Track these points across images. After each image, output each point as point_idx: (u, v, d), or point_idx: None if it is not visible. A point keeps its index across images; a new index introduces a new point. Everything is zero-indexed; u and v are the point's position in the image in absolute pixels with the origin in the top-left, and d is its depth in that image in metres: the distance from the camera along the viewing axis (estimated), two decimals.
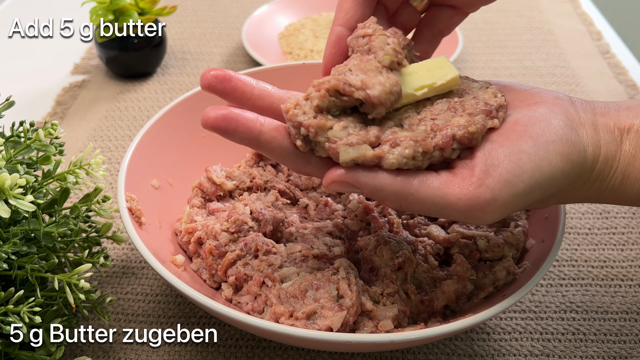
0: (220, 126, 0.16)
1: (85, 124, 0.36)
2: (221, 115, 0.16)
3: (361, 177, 0.16)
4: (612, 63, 0.41)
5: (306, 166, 0.18)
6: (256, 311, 0.21)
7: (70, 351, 0.23)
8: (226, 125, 0.16)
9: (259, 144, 0.17)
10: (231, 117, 0.16)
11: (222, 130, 0.16)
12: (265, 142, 0.17)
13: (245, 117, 0.17)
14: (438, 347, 0.23)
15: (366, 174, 0.16)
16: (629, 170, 0.17)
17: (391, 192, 0.16)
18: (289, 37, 0.43)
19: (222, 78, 0.18)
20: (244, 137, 0.17)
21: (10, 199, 0.18)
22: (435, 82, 0.18)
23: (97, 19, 0.36)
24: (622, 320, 0.24)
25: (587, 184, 0.17)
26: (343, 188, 0.17)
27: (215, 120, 0.16)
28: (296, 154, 0.17)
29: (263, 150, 0.17)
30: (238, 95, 0.18)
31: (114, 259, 0.27)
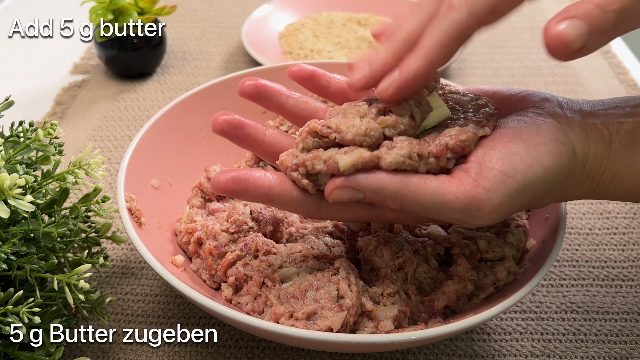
0: (231, 189, 0.17)
1: (84, 124, 0.36)
2: (230, 178, 0.17)
3: (361, 179, 0.17)
4: (613, 63, 0.41)
5: (319, 210, 0.18)
6: (256, 311, 0.21)
7: (70, 352, 0.23)
8: (237, 187, 0.17)
9: (271, 199, 0.18)
10: (240, 179, 0.17)
11: (234, 192, 0.17)
12: (277, 196, 0.18)
13: (254, 176, 0.17)
14: (438, 348, 0.23)
15: (366, 175, 0.17)
16: (618, 167, 0.17)
17: (391, 190, 0.17)
18: (289, 37, 0.43)
19: (236, 124, 0.18)
20: (255, 196, 0.17)
21: (10, 199, 0.18)
22: (426, 125, 0.18)
23: (97, 18, 0.36)
24: (622, 320, 0.24)
25: (579, 182, 0.18)
26: (345, 194, 0.17)
27: (226, 184, 0.17)
28: (307, 200, 0.18)
29: (276, 204, 0.18)
30: (250, 142, 0.19)
31: (114, 259, 0.27)
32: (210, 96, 0.28)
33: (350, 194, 0.17)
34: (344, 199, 0.17)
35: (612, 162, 0.17)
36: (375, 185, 0.17)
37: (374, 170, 0.17)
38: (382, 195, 0.17)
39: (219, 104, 0.29)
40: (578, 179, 0.18)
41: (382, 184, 0.17)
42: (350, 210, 0.18)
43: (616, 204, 0.30)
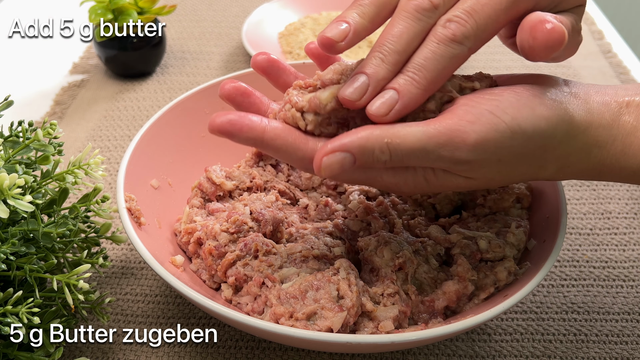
0: (226, 129, 0.17)
1: (84, 124, 0.36)
2: (227, 120, 0.17)
3: (345, 138, 0.16)
4: (613, 62, 0.41)
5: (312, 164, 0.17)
6: (256, 312, 0.21)
7: (70, 352, 0.22)
8: (231, 128, 0.17)
9: (264, 143, 0.17)
10: (236, 120, 0.17)
11: (228, 132, 0.17)
12: (270, 140, 0.17)
13: (250, 118, 0.17)
14: (439, 348, 0.23)
15: (348, 133, 0.16)
16: (630, 140, 0.17)
17: (376, 137, 0.16)
18: (289, 37, 0.43)
19: (243, 92, 0.18)
20: (249, 138, 0.17)
21: (9, 199, 0.18)
22: None
23: (96, 18, 0.36)
24: (623, 321, 0.24)
25: (584, 149, 0.17)
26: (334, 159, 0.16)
27: (221, 124, 0.17)
28: (302, 149, 0.17)
29: (269, 149, 0.17)
30: (254, 111, 0.19)
31: (113, 260, 0.27)
32: (210, 96, 0.28)
33: (339, 157, 0.16)
34: (335, 168, 0.16)
35: (622, 134, 0.17)
36: (359, 139, 0.16)
37: (357, 129, 0.16)
38: (369, 147, 0.16)
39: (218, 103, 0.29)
40: (583, 145, 0.17)
41: (366, 135, 0.16)
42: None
43: (617, 203, 0.29)
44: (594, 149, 0.17)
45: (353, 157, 0.16)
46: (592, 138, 0.17)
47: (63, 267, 0.22)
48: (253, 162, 0.27)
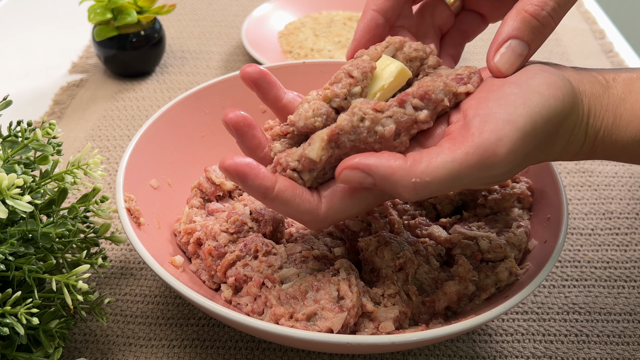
0: (242, 171, 0.16)
1: (83, 124, 0.35)
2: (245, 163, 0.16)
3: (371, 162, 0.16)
4: (615, 62, 0.41)
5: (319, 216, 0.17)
6: (256, 312, 0.20)
7: (69, 353, 0.22)
8: (248, 171, 0.16)
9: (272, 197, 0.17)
10: (254, 166, 0.16)
11: (242, 174, 0.16)
12: (279, 192, 0.17)
13: (261, 169, 0.17)
14: (439, 349, 0.23)
15: (377, 159, 0.16)
16: (619, 111, 0.17)
17: (402, 176, 0.16)
18: (289, 36, 0.43)
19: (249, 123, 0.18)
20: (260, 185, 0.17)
21: (8, 199, 0.18)
22: (383, 84, 0.18)
23: (96, 17, 0.36)
24: (625, 321, 0.24)
25: (583, 119, 0.17)
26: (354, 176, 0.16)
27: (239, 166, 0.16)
28: (310, 201, 0.17)
29: (276, 203, 0.17)
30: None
31: (113, 260, 0.26)
32: (209, 95, 0.28)
33: (359, 177, 0.16)
34: (353, 182, 0.16)
35: (613, 105, 0.17)
36: (385, 170, 0.16)
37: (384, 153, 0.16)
38: (392, 182, 0.16)
39: (218, 103, 0.29)
40: (582, 115, 0.17)
41: (393, 169, 0.16)
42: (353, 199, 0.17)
43: (618, 204, 0.29)
44: (589, 118, 0.17)
45: (374, 181, 0.16)
46: (586, 107, 0.17)
47: (62, 268, 0.22)
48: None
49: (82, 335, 0.23)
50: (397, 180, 0.16)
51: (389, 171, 0.16)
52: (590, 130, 0.17)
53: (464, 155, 0.15)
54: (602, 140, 0.17)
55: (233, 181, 0.17)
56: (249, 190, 0.17)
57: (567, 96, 0.16)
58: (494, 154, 0.15)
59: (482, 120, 0.16)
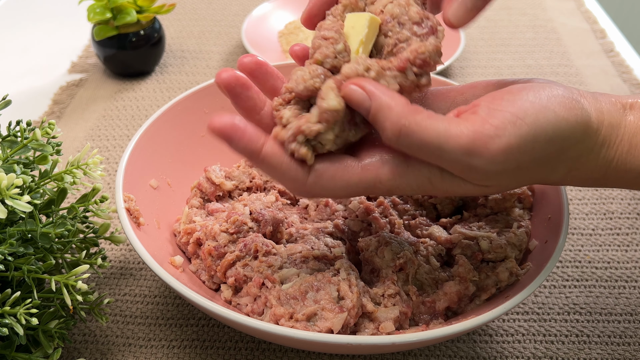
0: (226, 133, 0.16)
1: (82, 123, 0.35)
2: (230, 123, 0.16)
3: (377, 87, 0.16)
4: (616, 61, 0.41)
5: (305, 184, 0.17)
6: (256, 313, 0.20)
7: (68, 353, 0.22)
8: (231, 134, 0.16)
9: (259, 158, 0.16)
10: (238, 127, 0.16)
11: (226, 137, 0.16)
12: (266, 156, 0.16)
13: (252, 130, 0.16)
14: (440, 350, 0.23)
15: (384, 89, 0.16)
16: (635, 140, 0.17)
17: (397, 111, 0.15)
18: (289, 36, 0.43)
19: (243, 83, 0.18)
20: (244, 148, 0.16)
21: (7, 199, 0.18)
22: (361, 38, 0.18)
23: (95, 17, 0.36)
24: (626, 322, 0.24)
25: (595, 149, 0.17)
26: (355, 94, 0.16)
27: (223, 127, 0.16)
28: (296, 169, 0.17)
29: (263, 166, 0.17)
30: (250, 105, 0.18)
31: (112, 260, 0.26)
32: (209, 95, 0.28)
33: (360, 96, 0.16)
34: (352, 98, 0.16)
35: (629, 134, 0.17)
36: (384, 100, 0.16)
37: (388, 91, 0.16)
38: (385, 113, 0.15)
39: (218, 103, 0.28)
40: (593, 145, 0.17)
41: (392, 102, 0.15)
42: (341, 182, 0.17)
43: (619, 204, 0.29)
44: (602, 148, 0.17)
45: (369, 108, 0.16)
46: (602, 137, 0.17)
47: (61, 268, 0.22)
48: None
49: (81, 336, 0.23)
50: (389, 116, 0.16)
51: (388, 104, 0.16)
52: (602, 161, 0.17)
53: (459, 132, 0.15)
54: (615, 169, 0.17)
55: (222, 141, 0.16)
56: (235, 150, 0.16)
57: (580, 124, 0.16)
58: (485, 146, 0.15)
59: (490, 113, 0.16)
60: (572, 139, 0.16)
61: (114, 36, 0.37)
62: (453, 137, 0.15)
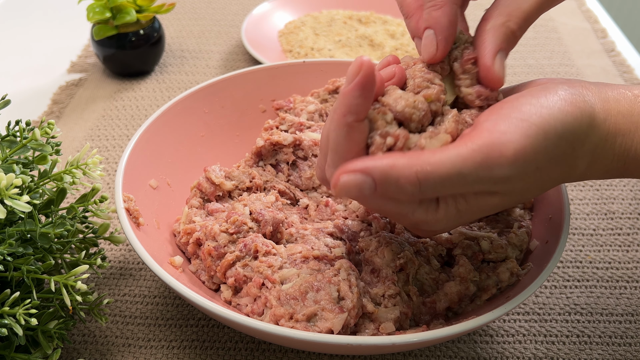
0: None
1: (82, 123, 0.35)
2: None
3: (368, 160, 0.15)
4: (617, 61, 0.41)
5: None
6: (256, 313, 0.20)
7: (67, 354, 0.22)
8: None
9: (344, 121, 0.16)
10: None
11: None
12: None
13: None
14: (440, 350, 0.22)
15: (372, 156, 0.16)
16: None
17: (403, 167, 0.15)
18: (289, 35, 0.43)
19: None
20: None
21: (6, 199, 0.18)
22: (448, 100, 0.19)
23: (94, 16, 0.36)
24: (627, 322, 0.24)
25: (608, 138, 0.17)
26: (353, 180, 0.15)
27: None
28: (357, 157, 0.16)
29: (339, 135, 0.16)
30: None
31: (112, 260, 0.26)
32: (209, 95, 0.28)
33: (358, 180, 0.15)
34: (351, 190, 0.15)
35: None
36: (384, 166, 0.15)
37: (382, 155, 0.16)
38: (393, 176, 0.15)
39: (218, 102, 0.28)
40: (606, 135, 0.17)
41: (391, 162, 0.15)
42: None
43: (620, 204, 0.29)
44: (617, 137, 0.17)
45: (374, 183, 0.15)
46: (613, 126, 0.17)
47: (61, 268, 0.22)
48: (253, 161, 0.27)
49: (81, 336, 0.23)
50: (399, 173, 0.15)
51: (388, 165, 0.15)
52: (618, 149, 0.17)
53: (470, 151, 0.15)
54: (634, 157, 0.17)
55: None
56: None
57: (584, 117, 0.16)
58: (501, 154, 0.15)
59: (494, 122, 0.16)
60: (581, 132, 0.16)
61: (114, 36, 0.37)
62: (468, 158, 0.15)
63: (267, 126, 0.27)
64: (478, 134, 0.16)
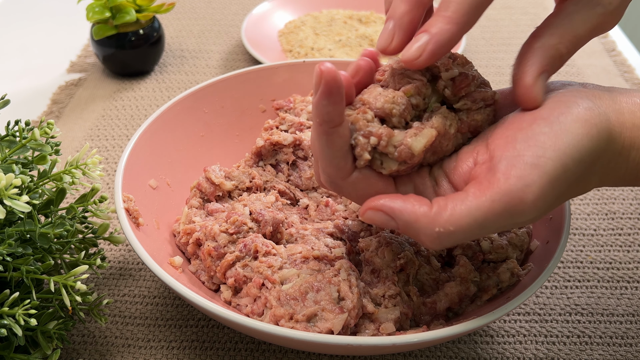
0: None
1: (81, 123, 0.35)
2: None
3: (396, 206, 0.16)
4: (618, 61, 0.41)
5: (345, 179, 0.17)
6: (255, 313, 0.20)
7: (67, 354, 0.22)
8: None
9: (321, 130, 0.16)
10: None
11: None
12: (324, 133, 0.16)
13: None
14: (441, 350, 0.22)
15: (402, 203, 0.16)
16: None
17: (426, 225, 0.15)
18: (289, 35, 0.43)
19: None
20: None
21: (6, 200, 0.18)
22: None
23: (94, 16, 0.36)
24: (628, 323, 0.23)
25: (623, 152, 0.16)
26: (378, 218, 0.16)
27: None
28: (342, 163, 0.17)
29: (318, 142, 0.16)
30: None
31: (111, 261, 0.26)
32: (209, 95, 0.28)
33: (383, 219, 0.16)
34: (376, 223, 0.16)
35: None
36: (408, 215, 0.15)
37: (410, 197, 0.16)
38: (416, 229, 0.16)
39: (217, 102, 0.28)
40: (621, 149, 0.16)
41: (415, 216, 0.15)
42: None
43: (621, 204, 0.29)
44: (631, 151, 0.16)
45: (397, 225, 0.16)
46: (628, 140, 0.16)
47: (60, 269, 0.22)
48: (253, 161, 0.27)
49: (80, 337, 0.23)
50: (420, 228, 0.16)
51: (412, 217, 0.16)
52: (632, 162, 0.17)
53: (490, 202, 0.15)
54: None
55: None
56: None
57: (602, 133, 0.16)
58: (521, 201, 0.15)
59: (508, 164, 0.15)
60: (598, 150, 0.16)
61: (113, 35, 0.37)
62: (489, 211, 0.15)
63: (267, 126, 0.27)
64: (494, 181, 0.15)
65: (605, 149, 0.16)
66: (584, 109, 0.16)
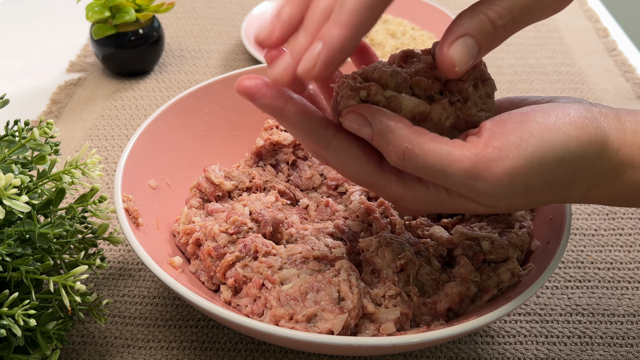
0: (251, 91, 0.16)
1: (81, 123, 0.35)
2: (262, 83, 0.16)
3: (377, 112, 0.16)
4: (618, 61, 0.41)
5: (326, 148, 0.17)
6: (255, 314, 0.20)
7: (66, 354, 0.22)
8: (257, 91, 0.16)
9: (283, 114, 0.16)
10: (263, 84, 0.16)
11: (252, 94, 0.16)
12: (290, 113, 0.16)
13: (281, 88, 0.16)
14: (441, 351, 0.22)
15: (385, 112, 0.16)
16: None
17: (399, 135, 0.15)
18: None
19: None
20: (269, 105, 0.16)
21: (5, 200, 0.18)
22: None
23: (94, 16, 0.35)
24: (628, 323, 0.23)
25: (617, 169, 0.16)
26: (356, 121, 0.16)
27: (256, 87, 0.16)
28: (318, 132, 0.16)
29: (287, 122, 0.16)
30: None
31: (111, 261, 0.26)
32: (208, 95, 0.28)
33: (360, 122, 0.16)
34: (353, 127, 0.16)
35: None
36: (386, 124, 0.15)
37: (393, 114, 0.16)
38: (388, 138, 0.15)
39: (217, 102, 0.28)
40: (616, 165, 0.16)
41: (395, 126, 0.15)
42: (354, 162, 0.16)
43: None
44: (628, 169, 0.16)
45: (371, 133, 0.16)
46: (626, 157, 0.16)
47: (60, 269, 0.22)
48: (252, 161, 0.27)
49: (80, 337, 0.23)
50: (392, 139, 0.15)
51: (389, 127, 0.15)
52: (627, 180, 0.16)
53: (462, 156, 0.15)
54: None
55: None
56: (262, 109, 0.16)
57: (593, 144, 0.15)
58: (488, 169, 0.15)
59: (492, 136, 0.15)
60: (586, 158, 0.16)
61: (113, 35, 0.36)
62: (455, 161, 0.15)
63: (267, 126, 0.27)
64: (476, 141, 0.16)
65: (595, 161, 0.16)
66: (583, 118, 0.16)
